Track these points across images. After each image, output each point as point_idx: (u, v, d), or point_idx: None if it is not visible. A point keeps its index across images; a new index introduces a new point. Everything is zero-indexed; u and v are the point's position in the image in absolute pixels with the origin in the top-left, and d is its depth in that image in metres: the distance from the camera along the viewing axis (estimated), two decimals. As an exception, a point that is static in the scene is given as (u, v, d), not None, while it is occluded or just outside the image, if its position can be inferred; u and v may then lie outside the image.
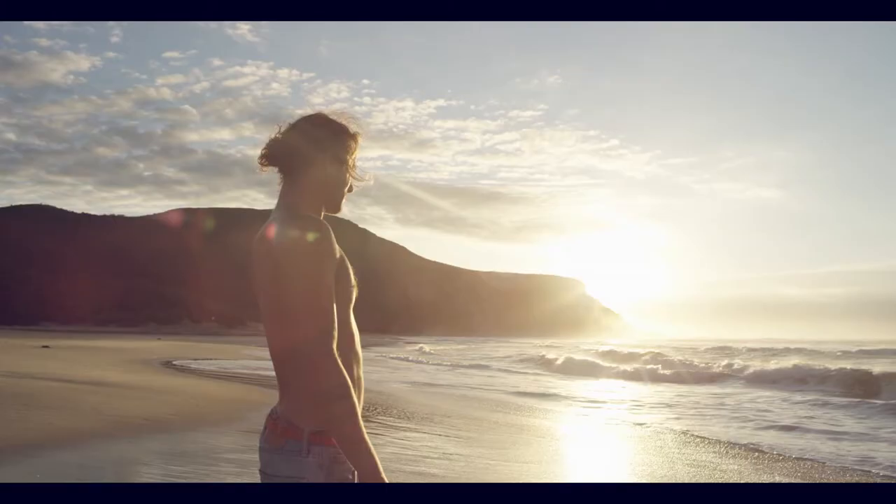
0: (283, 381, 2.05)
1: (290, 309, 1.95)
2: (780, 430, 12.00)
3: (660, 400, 17.38)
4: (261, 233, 2.11)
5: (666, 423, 12.73)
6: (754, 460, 9.15)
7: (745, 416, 13.80)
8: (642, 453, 9.70)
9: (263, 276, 2.03)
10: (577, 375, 26.95)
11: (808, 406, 15.47)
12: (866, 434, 11.65)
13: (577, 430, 12.55)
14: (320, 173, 2.14)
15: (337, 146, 2.15)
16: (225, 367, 24.05)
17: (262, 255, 2.04)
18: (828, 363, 24.99)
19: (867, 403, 15.32)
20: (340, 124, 2.17)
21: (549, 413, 14.78)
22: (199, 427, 9.26)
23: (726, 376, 24.33)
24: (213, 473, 6.35)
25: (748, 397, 17.73)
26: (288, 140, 2.15)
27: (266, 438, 2.02)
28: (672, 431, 11.75)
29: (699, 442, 10.68)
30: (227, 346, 46.34)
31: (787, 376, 22.31)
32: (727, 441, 10.68)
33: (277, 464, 1.97)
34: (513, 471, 7.84)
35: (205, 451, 7.55)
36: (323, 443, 1.95)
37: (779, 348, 42.19)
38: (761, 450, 9.95)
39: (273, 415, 2.05)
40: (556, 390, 19.92)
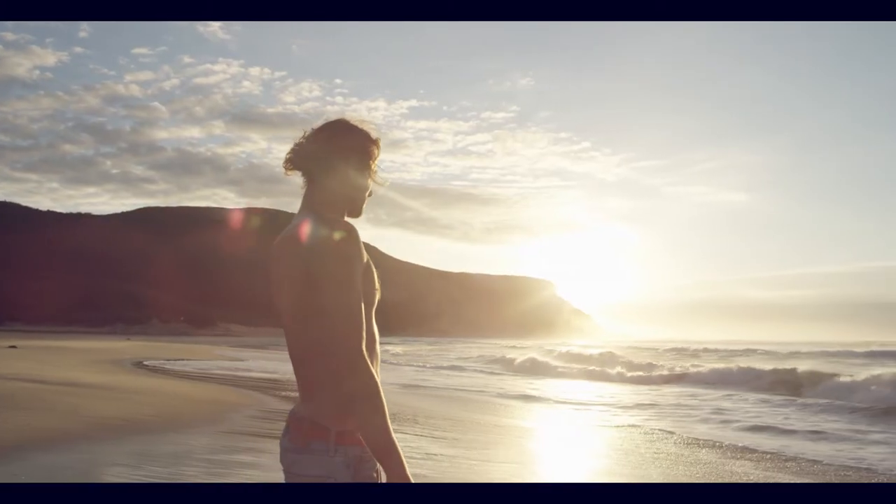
0: (308, 383, 2.07)
1: (322, 310, 1.98)
2: (699, 422, 13.31)
3: (609, 398, 18.74)
4: (284, 235, 2.14)
5: (618, 420, 12.97)
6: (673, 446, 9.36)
7: (654, 412, 15.16)
8: (608, 449, 9.86)
9: (289, 278, 2.05)
10: (533, 376, 27.86)
11: (732, 401, 17.36)
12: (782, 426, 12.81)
13: (546, 429, 12.69)
14: (344, 178, 2.18)
15: (360, 152, 2.20)
16: (198, 367, 23.84)
17: (288, 257, 2.06)
18: (772, 364, 26.22)
19: (788, 400, 17.30)
20: (363, 130, 2.22)
21: (517, 412, 14.92)
22: (180, 428, 9.19)
23: (669, 376, 25.83)
24: (206, 474, 6.32)
25: (670, 394, 19.52)
26: (312, 145, 2.19)
27: (291, 439, 2.05)
28: (622, 427, 11.98)
29: (630, 431, 10.89)
30: (198, 346, 45.96)
31: (724, 377, 23.77)
32: (655, 430, 10.91)
33: (304, 463, 2.00)
34: (498, 471, 7.92)
35: (190, 452, 7.50)
36: (349, 443, 2.00)
37: (737, 349, 43.13)
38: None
39: (296, 415, 2.07)
40: (517, 390, 20.54)
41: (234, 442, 8.45)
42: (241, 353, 37.51)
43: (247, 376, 20.03)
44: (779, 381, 21.55)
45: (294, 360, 2.13)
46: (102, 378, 16.11)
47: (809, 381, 20.81)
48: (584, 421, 13.86)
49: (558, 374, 28.53)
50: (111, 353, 28.99)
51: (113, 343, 43.59)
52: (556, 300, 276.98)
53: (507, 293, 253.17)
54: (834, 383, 19.63)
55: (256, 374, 20.99)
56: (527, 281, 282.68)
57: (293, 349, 2.11)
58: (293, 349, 2.11)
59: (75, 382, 14.21)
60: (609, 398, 18.58)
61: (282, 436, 2.11)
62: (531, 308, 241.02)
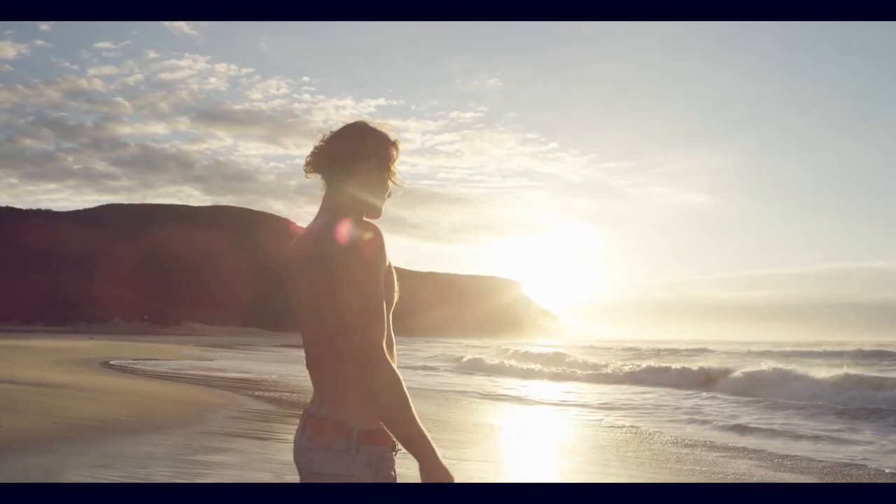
0: (328, 383, 2.11)
1: (346, 309, 2.00)
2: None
3: (565, 395, 19.93)
4: (304, 235, 2.19)
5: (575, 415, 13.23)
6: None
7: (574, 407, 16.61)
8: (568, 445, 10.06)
9: (310, 278, 2.09)
10: (481, 374, 28.76)
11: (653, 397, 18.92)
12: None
13: (510, 426, 12.86)
14: (363, 180, 2.22)
15: (378, 153, 2.24)
16: (167, 367, 23.57)
17: (311, 256, 2.10)
18: (708, 363, 27.77)
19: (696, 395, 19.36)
20: (382, 133, 2.26)
21: (478, 410, 15.07)
22: (156, 429, 9.12)
23: (605, 376, 27.16)
24: (187, 476, 6.32)
25: (595, 392, 21.09)
26: (331, 149, 2.23)
27: (310, 437, 2.07)
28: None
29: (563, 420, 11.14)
30: (164, 345, 45.35)
31: (653, 375, 25.26)
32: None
33: (325, 462, 2.03)
34: (478, 469, 8.01)
35: (174, 454, 7.46)
36: (371, 441, 2.04)
37: (691, 348, 44.27)
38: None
39: (313, 415, 2.10)
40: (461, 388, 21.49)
41: (214, 442, 8.41)
42: (210, 353, 37.12)
43: (218, 376, 19.88)
44: (685, 377, 23.73)
45: (312, 359, 2.15)
46: (71, 378, 15.89)
47: (707, 378, 23.02)
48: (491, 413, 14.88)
49: (498, 372, 29.56)
50: (76, 353, 28.50)
51: (76, 342, 42.79)
52: (522, 300, 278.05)
53: (474, 293, 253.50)
54: (728, 380, 21.93)
55: (228, 374, 20.83)
56: (494, 281, 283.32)
57: (312, 349, 2.14)
58: (312, 349, 2.14)
59: (45, 383, 14.00)
60: (529, 393, 20.16)
61: (297, 435, 2.13)
62: (498, 308, 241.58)
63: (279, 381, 18.95)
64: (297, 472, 2.13)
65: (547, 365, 31.12)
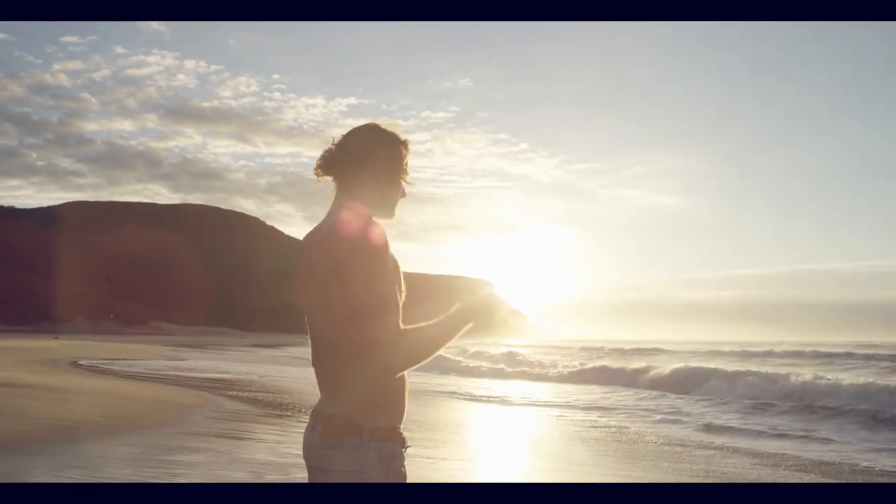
0: (338, 380, 2.14)
1: (357, 299, 2.07)
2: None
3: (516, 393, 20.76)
4: (312, 234, 2.25)
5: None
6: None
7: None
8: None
9: (320, 274, 2.13)
10: (434, 373, 29.03)
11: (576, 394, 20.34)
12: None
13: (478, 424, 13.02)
14: (373, 181, 2.26)
15: (388, 154, 2.28)
16: (138, 367, 23.31)
17: (321, 253, 2.14)
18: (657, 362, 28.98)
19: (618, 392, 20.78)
20: (392, 133, 2.30)
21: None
22: (135, 430, 9.08)
23: (544, 375, 28.41)
24: (177, 475, 6.34)
25: (528, 389, 22.51)
26: (342, 150, 2.27)
27: (321, 435, 2.12)
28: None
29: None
30: (132, 345, 44.69)
31: (587, 375, 26.62)
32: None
33: (336, 459, 2.08)
34: (457, 469, 8.13)
35: (153, 454, 7.46)
36: (382, 439, 2.10)
37: (644, 348, 45.15)
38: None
39: (323, 413, 2.15)
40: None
41: (193, 443, 8.41)
42: (180, 353, 36.73)
43: (192, 376, 19.72)
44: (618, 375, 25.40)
45: (321, 357, 2.19)
46: (41, 379, 15.67)
47: (631, 376, 24.67)
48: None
49: (447, 371, 30.07)
50: (43, 353, 28.03)
51: (41, 342, 41.99)
52: (493, 300, 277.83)
53: (444, 293, 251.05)
54: (646, 378, 23.68)
55: (202, 374, 20.67)
56: (464, 280, 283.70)
57: (321, 346, 2.18)
58: (321, 346, 2.18)
59: (16, 383, 13.80)
60: (467, 390, 21.15)
61: (307, 432, 2.18)
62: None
63: (255, 382, 18.88)
64: (283, 470, 2.24)
65: (495, 363, 32.22)
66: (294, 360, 36.37)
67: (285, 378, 21.32)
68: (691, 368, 23.56)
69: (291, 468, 7.02)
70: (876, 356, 33.78)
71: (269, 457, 7.68)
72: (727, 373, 21.97)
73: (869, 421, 13.97)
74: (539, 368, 30.37)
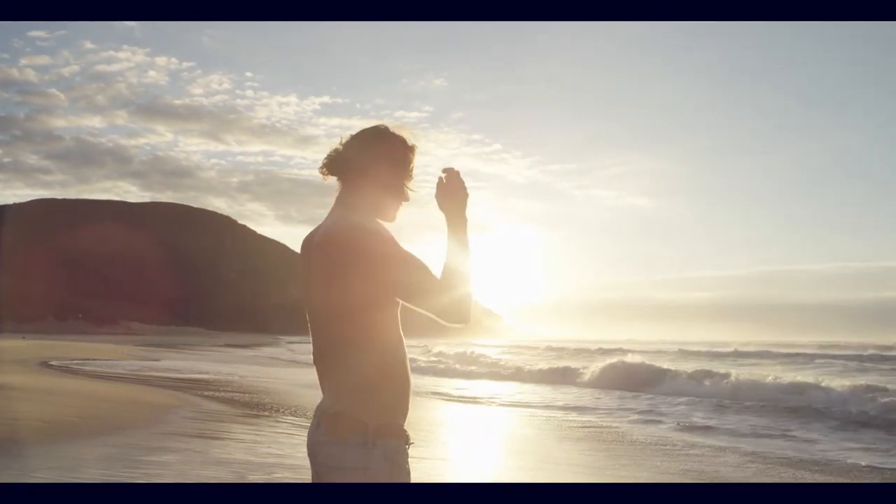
0: (343, 378, 2.16)
1: (399, 286, 2.14)
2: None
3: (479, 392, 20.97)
4: (315, 232, 2.26)
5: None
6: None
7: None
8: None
9: (327, 269, 2.15)
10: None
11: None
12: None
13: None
14: (377, 183, 2.27)
15: (394, 157, 2.30)
16: (109, 367, 22.98)
17: (325, 249, 2.15)
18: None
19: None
20: (399, 136, 2.32)
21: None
22: (113, 430, 8.94)
23: (497, 374, 28.83)
24: (158, 476, 6.26)
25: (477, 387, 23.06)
26: (349, 151, 2.29)
27: (325, 433, 2.14)
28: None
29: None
30: (102, 345, 44.00)
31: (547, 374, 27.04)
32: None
33: (341, 456, 2.10)
34: (434, 468, 8.13)
35: (133, 454, 7.35)
36: (387, 435, 2.13)
37: (608, 348, 46.14)
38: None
39: (327, 410, 2.17)
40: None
41: (172, 443, 8.32)
42: (153, 353, 36.30)
43: (166, 376, 19.47)
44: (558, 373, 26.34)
45: (325, 355, 2.20)
46: (11, 379, 15.36)
47: (568, 375, 25.62)
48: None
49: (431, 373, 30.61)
50: (11, 353, 27.51)
51: (8, 342, 41.19)
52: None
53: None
54: (578, 376, 24.67)
55: (177, 375, 20.43)
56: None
57: (326, 344, 2.19)
58: (326, 344, 2.19)
59: (-16, 383, 13.54)
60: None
61: (311, 430, 2.19)
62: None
63: (231, 382, 18.71)
64: (264, 470, 2.23)
65: (452, 363, 32.78)
66: (269, 361, 36.16)
67: (262, 378, 21.18)
68: (627, 366, 24.21)
69: (272, 468, 6.98)
70: (839, 356, 35.01)
71: (248, 457, 7.63)
72: (669, 371, 22.68)
73: (786, 414, 14.83)
74: (492, 368, 30.75)
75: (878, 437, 12.43)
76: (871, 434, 12.66)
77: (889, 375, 23.85)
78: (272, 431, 10.01)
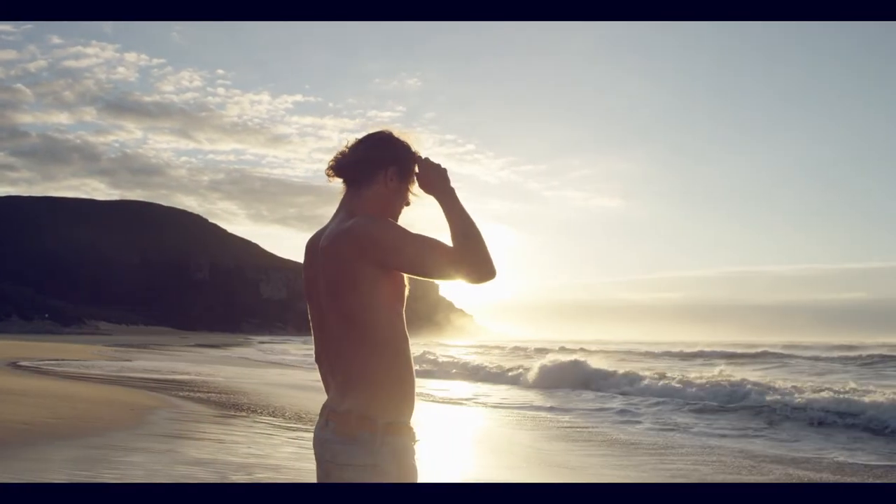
0: (351, 376, 2.21)
1: (421, 265, 2.22)
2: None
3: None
4: (321, 232, 2.33)
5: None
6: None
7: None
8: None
9: (338, 266, 2.20)
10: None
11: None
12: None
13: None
14: (382, 188, 2.35)
15: (400, 163, 2.38)
16: (82, 368, 22.70)
17: (344, 248, 2.21)
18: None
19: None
20: (404, 142, 2.40)
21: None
22: (93, 432, 8.88)
23: (447, 373, 28.97)
24: (125, 478, 6.28)
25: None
26: (355, 155, 2.36)
27: (334, 431, 2.19)
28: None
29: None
30: (71, 345, 43.41)
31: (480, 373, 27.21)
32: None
33: (351, 453, 2.16)
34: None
35: (115, 456, 7.35)
36: (395, 433, 2.19)
37: (570, 348, 46.72)
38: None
39: (335, 408, 2.22)
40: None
41: (155, 444, 8.32)
42: (124, 353, 35.86)
43: (142, 377, 19.30)
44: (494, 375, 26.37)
45: (333, 354, 2.26)
46: (-20, 379, 15.19)
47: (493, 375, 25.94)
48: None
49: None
50: (-22, 354, 27.08)
51: (-26, 342, 40.51)
52: (437, 300, 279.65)
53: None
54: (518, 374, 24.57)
55: (151, 375, 20.23)
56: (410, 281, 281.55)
57: (334, 344, 2.24)
58: (334, 344, 2.24)
59: (-45, 384, 13.36)
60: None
61: (319, 428, 2.25)
62: (413, 307, 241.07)
63: (206, 382, 18.59)
64: (246, 470, 2.31)
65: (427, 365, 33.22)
66: (241, 361, 35.91)
67: (236, 379, 21.06)
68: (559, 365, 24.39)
69: (254, 468, 7.03)
70: (798, 356, 36.12)
71: (229, 457, 7.66)
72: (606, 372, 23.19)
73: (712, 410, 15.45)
74: (442, 367, 30.77)
75: (747, 424, 13.55)
76: (736, 420, 14.00)
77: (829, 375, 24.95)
78: (251, 432, 10.03)
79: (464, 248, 2.23)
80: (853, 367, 29.70)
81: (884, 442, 11.69)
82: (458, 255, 2.22)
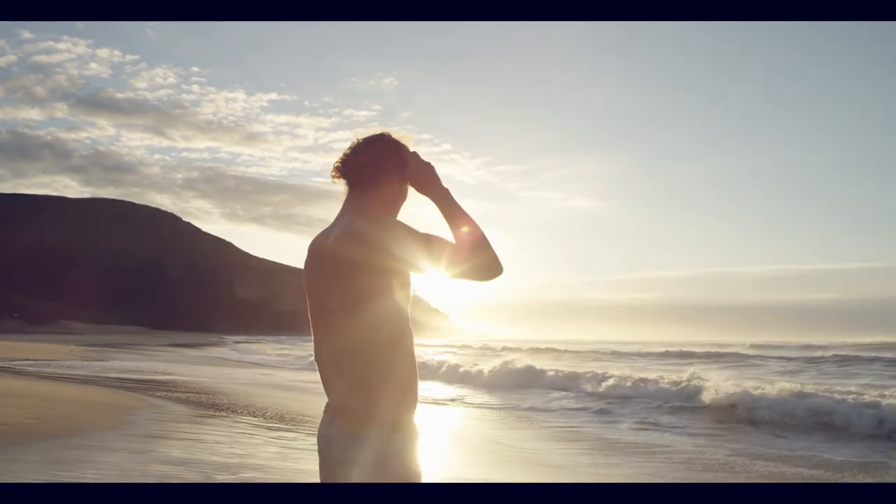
0: (356, 374, 2.26)
1: (423, 257, 2.27)
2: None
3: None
4: (326, 233, 2.38)
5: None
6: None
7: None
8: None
9: (346, 266, 2.25)
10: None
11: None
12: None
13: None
14: (387, 190, 2.44)
15: (402, 165, 2.46)
16: (56, 368, 22.41)
17: (349, 246, 2.26)
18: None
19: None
20: (403, 145, 2.49)
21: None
22: (76, 432, 8.79)
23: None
24: (119, 478, 6.29)
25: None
26: (362, 157, 2.44)
27: (340, 428, 2.25)
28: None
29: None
30: (42, 345, 42.73)
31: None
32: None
33: (358, 450, 2.21)
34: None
35: (101, 457, 7.33)
36: (400, 429, 2.25)
37: (539, 348, 47.70)
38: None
39: (341, 406, 2.28)
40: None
41: (138, 444, 8.30)
42: (98, 353, 35.43)
43: (118, 377, 19.10)
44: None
45: (337, 353, 2.31)
46: (-47, 380, 14.97)
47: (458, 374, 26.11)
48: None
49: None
50: (-53, 353, 26.64)
51: (-58, 342, 39.79)
52: (414, 300, 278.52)
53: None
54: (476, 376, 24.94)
55: (128, 375, 20.04)
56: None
57: (339, 343, 2.29)
58: (339, 343, 2.29)
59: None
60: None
61: (324, 426, 2.31)
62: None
63: (184, 382, 18.48)
64: (230, 470, 2.37)
65: None
66: (217, 361, 35.68)
67: (213, 379, 20.96)
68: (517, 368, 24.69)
69: (238, 468, 7.06)
70: (769, 357, 36.85)
71: (213, 457, 7.67)
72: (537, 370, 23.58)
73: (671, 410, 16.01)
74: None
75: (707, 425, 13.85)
76: (707, 420, 14.52)
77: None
78: (232, 432, 10.03)
79: (471, 247, 2.29)
80: (823, 366, 30.31)
81: (852, 440, 12.04)
82: (467, 255, 2.28)
